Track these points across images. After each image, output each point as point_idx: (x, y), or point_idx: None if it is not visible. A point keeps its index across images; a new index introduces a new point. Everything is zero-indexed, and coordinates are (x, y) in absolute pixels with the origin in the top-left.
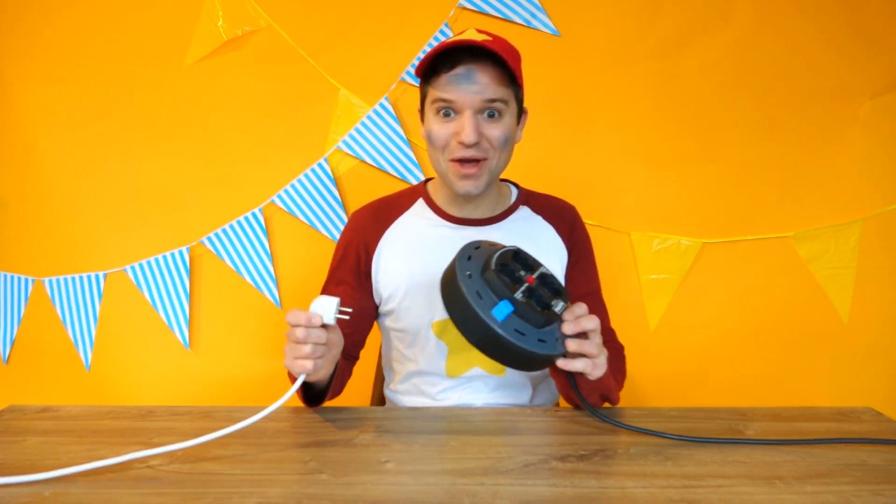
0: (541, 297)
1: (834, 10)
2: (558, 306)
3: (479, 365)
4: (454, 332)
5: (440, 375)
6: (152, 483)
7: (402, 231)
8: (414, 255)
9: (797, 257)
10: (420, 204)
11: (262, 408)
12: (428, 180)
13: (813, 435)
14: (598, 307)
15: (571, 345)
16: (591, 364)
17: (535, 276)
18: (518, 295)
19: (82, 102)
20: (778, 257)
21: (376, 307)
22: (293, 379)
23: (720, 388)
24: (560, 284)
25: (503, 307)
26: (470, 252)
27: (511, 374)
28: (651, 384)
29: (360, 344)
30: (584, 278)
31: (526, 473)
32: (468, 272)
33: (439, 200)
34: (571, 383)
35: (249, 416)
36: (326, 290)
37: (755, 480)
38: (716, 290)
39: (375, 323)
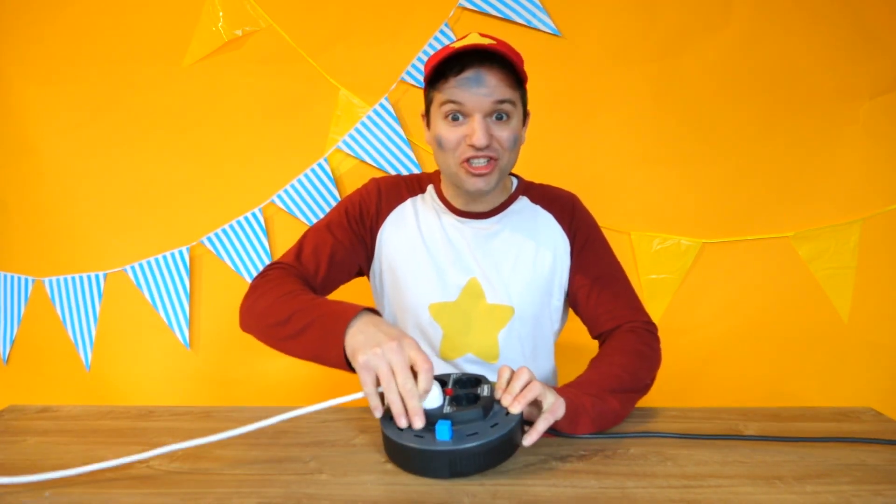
0: (467, 396)
1: (834, 10)
2: (485, 390)
3: (473, 351)
4: (451, 315)
5: (433, 356)
6: (152, 483)
7: (411, 210)
8: (420, 236)
9: (797, 257)
10: (430, 191)
11: (264, 407)
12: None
13: (813, 435)
14: (615, 287)
15: (515, 409)
16: (550, 414)
17: (450, 386)
18: (447, 409)
19: (82, 102)
20: (778, 257)
21: (359, 267)
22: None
23: (720, 388)
24: (473, 375)
25: (442, 427)
26: (389, 415)
27: (504, 360)
28: None
29: (331, 289)
30: (594, 262)
31: (526, 473)
32: (398, 429)
33: (446, 192)
34: (556, 434)
35: (249, 415)
36: (321, 232)
37: (755, 480)
38: (716, 290)
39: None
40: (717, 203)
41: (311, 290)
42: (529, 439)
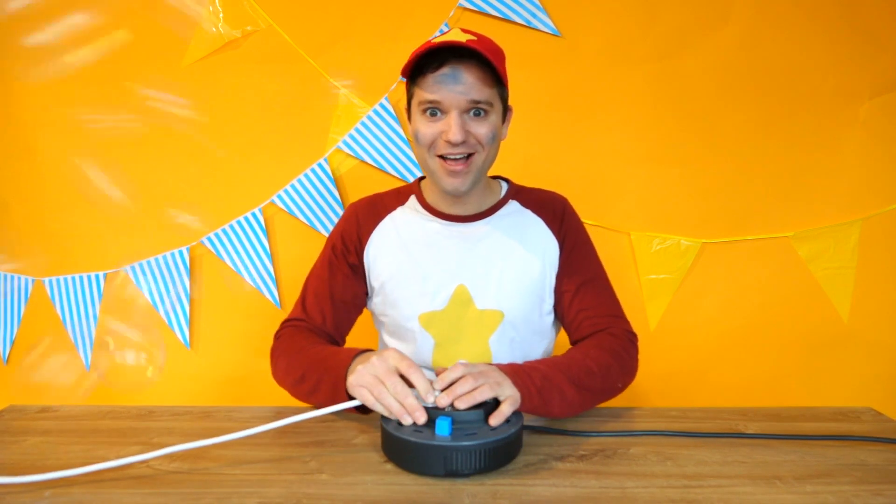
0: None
1: (834, 10)
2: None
3: (465, 358)
4: (441, 324)
5: (427, 368)
6: (152, 483)
7: (394, 224)
8: (404, 248)
9: (797, 257)
10: (412, 200)
11: (264, 407)
12: (421, 178)
13: (813, 435)
14: (598, 294)
15: (443, 400)
16: (511, 403)
17: None
18: (448, 408)
19: (82, 102)
20: (778, 257)
21: (365, 294)
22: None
23: (720, 388)
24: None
25: (442, 423)
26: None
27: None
28: (651, 384)
29: (347, 331)
30: (580, 267)
31: (526, 473)
32: (398, 424)
33: (430, 198)
34: (554, 432)
35: (249, 415)
36: (319, 276)
37: (755, 480)
38: (716, 290)
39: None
40: (717, 203)
41: (325, 335)
42: (495, 420)
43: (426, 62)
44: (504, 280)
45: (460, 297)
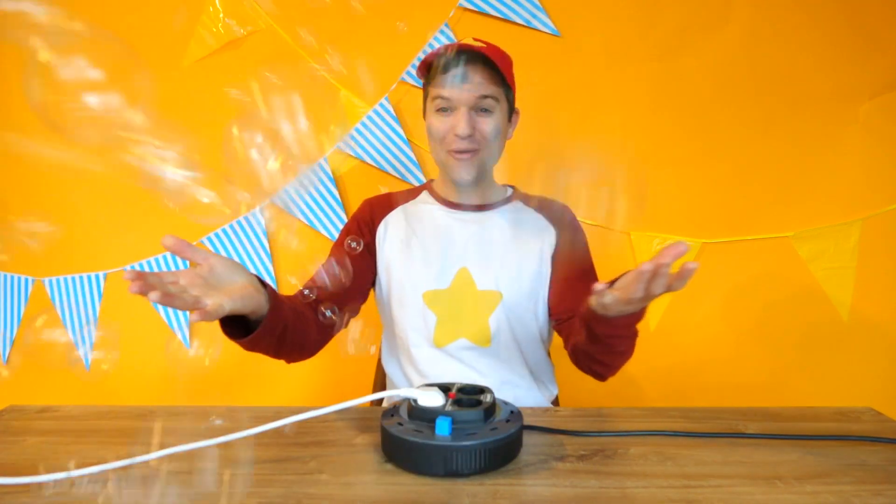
0: (468, 400)
1: (834, 10)
2: (488, 398)
3: (466, 336)
4: (443, 302)
5: (427, 345)
6: (152, 483)
7: (404, 213)
8: (412, 232)
9: (797, 257)
10: (424, 195)
11: (264, 407)
12: (432, 180)
13: (813, 435)
14: (582, 287)
15: (647, 265)
16: (680, 278)
17: (453, 390)
18: (448, 408)
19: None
20: (778, 257)
21: (371, 272)
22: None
23: (720, 387)
24: (477, 385)
25: (442, 423)
26: (391, 411)
27: (497, 344)
28: (651, 384)
29: (354, 299)
30: (571, 257)
31: (526, 473)
32: (398, 423)
33: (440, 189)
34: (555, 432)
35: (249, 415)
36: (330, 252)
37: (755, 480)
38: (716, 290)
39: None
40: (717, 203)
41: (308, 303)
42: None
43: (439, 64)
44: (504, 264)
45: (463, 278)
